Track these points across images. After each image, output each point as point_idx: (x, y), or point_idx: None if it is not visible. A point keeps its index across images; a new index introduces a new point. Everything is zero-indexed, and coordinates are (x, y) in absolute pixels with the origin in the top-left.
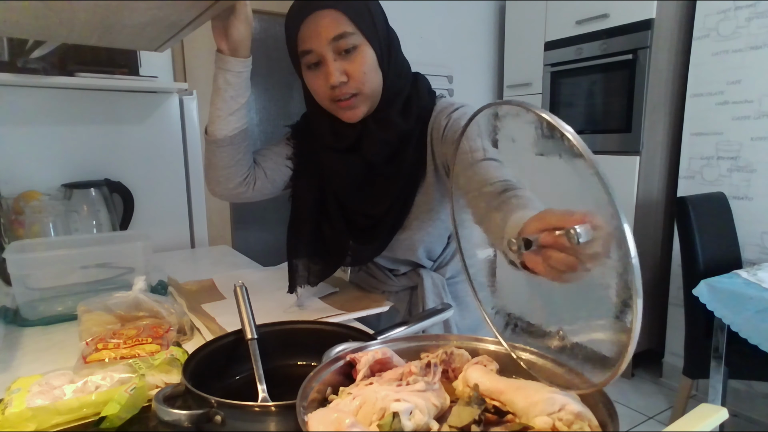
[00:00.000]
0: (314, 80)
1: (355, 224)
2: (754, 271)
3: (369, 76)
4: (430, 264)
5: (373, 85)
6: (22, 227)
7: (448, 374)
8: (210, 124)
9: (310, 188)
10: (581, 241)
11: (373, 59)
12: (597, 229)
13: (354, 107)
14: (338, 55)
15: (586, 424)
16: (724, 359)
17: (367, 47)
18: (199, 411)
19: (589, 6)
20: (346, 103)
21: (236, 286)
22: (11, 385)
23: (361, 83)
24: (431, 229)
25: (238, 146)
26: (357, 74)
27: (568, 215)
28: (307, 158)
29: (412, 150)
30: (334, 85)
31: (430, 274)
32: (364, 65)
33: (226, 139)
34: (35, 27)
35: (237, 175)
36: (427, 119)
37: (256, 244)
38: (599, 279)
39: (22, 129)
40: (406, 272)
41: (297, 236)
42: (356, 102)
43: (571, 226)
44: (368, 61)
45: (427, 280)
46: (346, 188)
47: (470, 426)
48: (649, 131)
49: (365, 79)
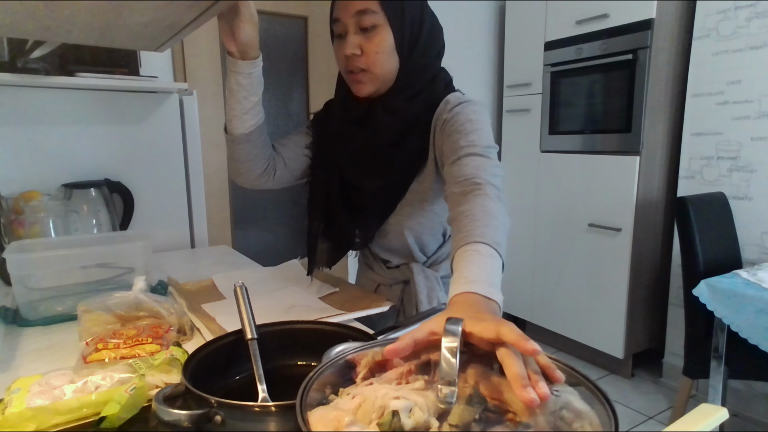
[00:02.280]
0: (338, 49)
1: (350, 200)
2: (754, 271)
3: (381, 57)
4: (423, 259)
5: (385, 68)
6: (22, 227)
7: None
8: (227, 123)
9: (325, 171)
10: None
11: (390, 43)
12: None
13: (362, 82)
14: (359, 29)
15: (587, 423)
16: (724, 359)
17: (387, 30)
18: (199, 411)
19: (589, 6)
20: (356, 77)
21: (236, 286)
22: (11, 385)
23: (371, 62)
24: (422, 219)
25: (255, 141)
26: (370, 52)
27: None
28: (325, 144)
29: (415, 137)
30: (348, 55)
31: (423, 269)
32: (379, 46)
33: (243, 137)
34: (35, 27)
35: (257, 167)
36: (435, 107)
37: (256, 244)
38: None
39: (22, 129)
40: (399, 265)
41: (312, 220)
42: (364, 78)
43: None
44: (384, 43)
45: (419, 275)
46: (347, 159)
47: (470, 425)
48: (649, 131)
49: (376, 59)
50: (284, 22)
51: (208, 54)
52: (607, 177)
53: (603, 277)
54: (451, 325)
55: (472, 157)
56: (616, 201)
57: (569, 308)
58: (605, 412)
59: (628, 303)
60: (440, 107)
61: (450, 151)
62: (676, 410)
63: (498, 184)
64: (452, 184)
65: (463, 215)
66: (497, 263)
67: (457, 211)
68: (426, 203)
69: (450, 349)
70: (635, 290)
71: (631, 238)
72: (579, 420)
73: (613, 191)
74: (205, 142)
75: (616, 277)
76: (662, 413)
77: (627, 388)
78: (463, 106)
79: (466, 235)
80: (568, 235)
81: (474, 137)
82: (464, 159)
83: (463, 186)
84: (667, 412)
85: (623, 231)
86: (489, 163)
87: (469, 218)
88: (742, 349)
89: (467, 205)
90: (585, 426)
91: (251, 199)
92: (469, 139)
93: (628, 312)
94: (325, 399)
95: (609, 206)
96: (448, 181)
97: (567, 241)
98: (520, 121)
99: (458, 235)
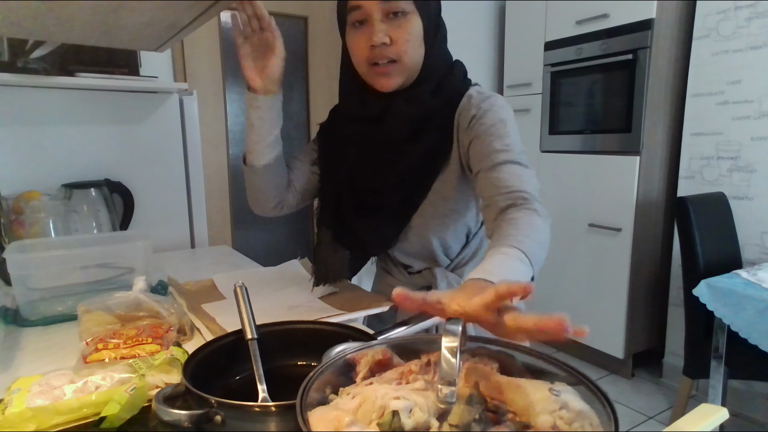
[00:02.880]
0: (356, 39)
1: (365, 204)
2: (754, 271)
3: (411, 46)
4: (447, 262)
5: (414, 58)
6: (22, 227)
7: None
8: (247, 154)
9: (335, 178)
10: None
11: (420, 31)
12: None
13: (389, 75)
14: (386, 17)
15: (587, 422)
16: (724, 359)
17: (416, 17)
18: (199, 411)
19: (589, 6)
20: (382, 69)
21: (236, 286)
22: (11, 385)
23: (402, 51)
24: (447, 219)
25: (275, 172)
26: (400, 41)
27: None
28: (334, 150)
29: (433, 131)
30: (375, 44)
31: (446, 274)
32: (409, 33)
33: (263, 168)
34: (35, 27)
35: (274, 197)
36: (456, 103)
37: (256, 244)
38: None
39: (22, 129)
40: (421, 270)
41: (321, 228)
42: (393, 70)
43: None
44: (414, 31)
45: (442, 280)
46: (359, 161)
47: (470, 425)
48: (649, 131)
49: (407, 48)
50: (284, 22)
51: (208, 54)
52: (607, 177)
53: (603, 277)
54: (451, 325)
55: (510, 165)
56: (616, 201)
57: (569, 308)
58: (605, 412)
59: (628, 303)
60: (463, 102)
61: (483, 155)
62: (676, 410)
63: (539, 198)
64: (495, 193)
65: (508, 224)
66: (525, 270)
67: (503, 220)
68: (450, 202)
69: (450, 349)
70: (635, 290)
71: (631, 238)
72: (579, 420)
73: (613, 191)
74: (205, 142)
75: (616, 277)
76: (662, 413)
77: (627, 388)
78: (491, 103)
79: (503, 238)
80: (568, 235)
81: (509, 141)
82: (503, 167)
83: (510, 199)
84: (667, 412)
85: (623, 231)
86: (528, 173)
87: (513, 226)
88: (742, 349)
89: (514, 215)
90: (585, 426)
91: None
92: (504, 143)
93: (628, 312)
94: (325, 399)
95: (609, 206)
96: (488, 188)
97: (567, 241)
98: (520, 121)
99: (496, 240)
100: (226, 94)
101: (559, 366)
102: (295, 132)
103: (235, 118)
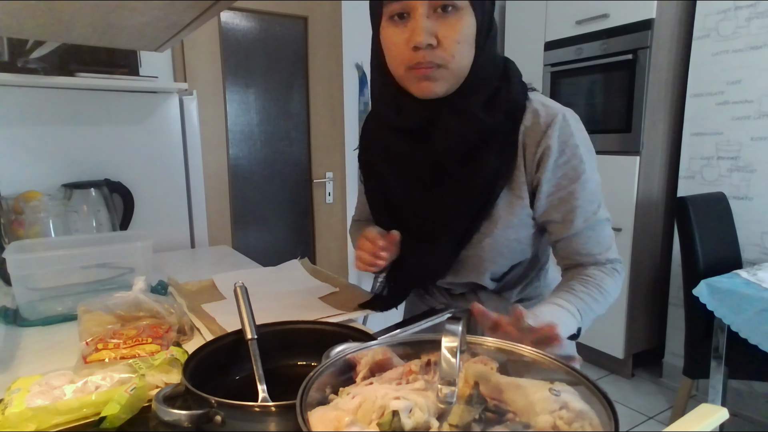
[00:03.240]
0: (394, 36)
1: (408, 231)
2: (754, 271)
3: (461, 48)
4: (493, 285)
5: (463, 62)
6: (22, 227)
7: None
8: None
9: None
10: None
11: (472, 31)
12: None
13: (433, 79)
14: (433, 12)
15: (587, 422)
16: (724, 359)
17: (470, 14)
18: (199, 411)
19: (589, 6)
20: (425, 71)
21: (236, 286)
22: (11, 385)
23: (450, 54)
24: (505, 250)
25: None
26: (449, 41)
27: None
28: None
29: (495, 153)
30: (419, 45)
31: (492, 298)
32: (460, 33)
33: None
34: (35, 27)
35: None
36: (519, 117)
37: (256, 244)
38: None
39: (22, 129)
40: (464, 293)
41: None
42: (437, 74)
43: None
44: (466, 30)
45: (489, 306)
46: (398, 181)
47: (470, 425)
48: (649, 131)
49: (456, 51)
50: (284, 22)
51: (208, 54)
52: (607, 177)
53: None
54: (451, 325)
55: (594, 227)
56: (616, 201)
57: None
58: (605, 412)
59: (628, 303)
60: (529, 121)
61: (566, 210)
62: (676, 410)
63: (616, 255)
64: (573, 264)
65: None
66: (571, 324)
67: (578, 272)
68: (512, 230)
69: (450, 349)
70: (635, 290)
71: (631, 238)
72: (579, 420)
73: (613, 191)
74: (205, 142)
75: None
76: (662, 413)
77: (627, 388)
78: (571, 136)
79: (567, 287)
80: None
81: (591, 187)
82: (587, 231)
83: (591, 263)
84: (667, 412)
85: (623, 231)
86: (607, 227)
87: (582, 282)
88: (742, 349)
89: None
90: (585, 426)
91: (251, 199)
92: (586, 195)
93: (628, 312)
94: (325, 399)
95: (609, 206)
96: (567, 254)
97: None
98: None
99: (562, 285)
100: (226, 94)
101: (559, 366)
102: (295, 132)
103: (235, 118)
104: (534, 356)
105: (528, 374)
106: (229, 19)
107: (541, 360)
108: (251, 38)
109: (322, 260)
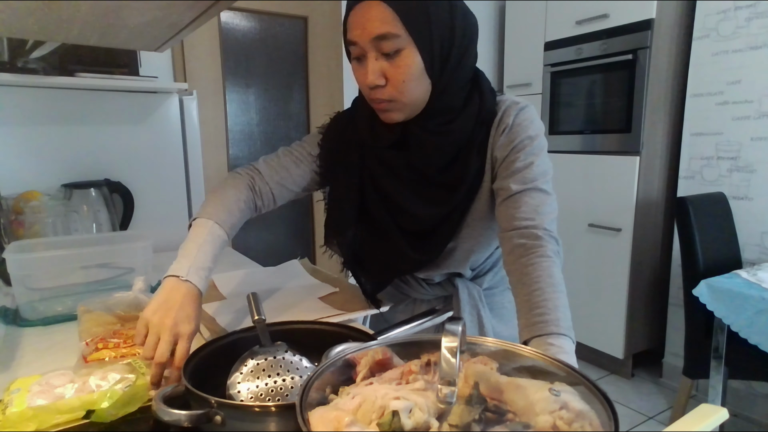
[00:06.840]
0: (357, 73)
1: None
2: (754, 271)
3: (409, 85)
4: (470, 274)
5: (414, 95)
6: (22, 227)
7: None
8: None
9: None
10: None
11: (419, 67)
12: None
13: (389, 110)
14: (381, 55)
15: (587, 423)
16: (724, 359)
17: (414, 52)
18: (199, 411)
19: (589, 6)
20: (380, 105)
21: (249, 295)
22: (11, 385)
23: (398, 92)
24: (481, 238)
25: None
26: (396, 81)
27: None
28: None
29: (474, 157)
30: (369, 86)
31: (467, 284)
32: (406, 73)
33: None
34: (35, 27)
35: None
36: (490, 122)
37: (256, 244)
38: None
39: (22, 129)
40: (441, 281)
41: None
42: (392, 107)
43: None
44: (412, 68)
45: (463, 290)
46: (393, 183)
47: (470, 425)
48: (649, 131)
49: (404, 88)
50: (284, 22)
51: (208, 54)
52: (607, 177)
53: (603, 278)
54: (451, 325)
55: (531, 193)
56: (616, 201)
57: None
58: (605, 412)
59: (628, 303)
60: (498, 119)
61: (507, 175)
62: (676, 410)
63: (555, 231)
64: (510, 227)
65: (531, 286)
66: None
67: (523, 273)
68: (486, 219)
69: (450, 349)
70: (635, 290)
71: (631, 238)
72: (579, 420)
73: (613, 191)
74: (205, 142)
75: (616, 277)
76: (662, 413)
77: (627, 388)
78: (522, 116)
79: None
80: (568, 235)
81: (533, 159)
82: (524, 196)
83: (524, 237)
84: (667, 412)
85: (623, 231)
86: (548, 200)
87: (539, 293)
88: (742, 349)
89: (532, 271)
90: (585, 426)
91: None
92: (528, 161)
93: (628, 312)
94: (325, 399)
95: (609, 206)
96: (506, 218)
97: (567, 242)
98: None
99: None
100: (226, 94)
101: (559, 366)
102: (295, 132)
103: (235, 118)
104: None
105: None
106: (229, 19)
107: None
108: (251, 38)
109: (322, 260)
